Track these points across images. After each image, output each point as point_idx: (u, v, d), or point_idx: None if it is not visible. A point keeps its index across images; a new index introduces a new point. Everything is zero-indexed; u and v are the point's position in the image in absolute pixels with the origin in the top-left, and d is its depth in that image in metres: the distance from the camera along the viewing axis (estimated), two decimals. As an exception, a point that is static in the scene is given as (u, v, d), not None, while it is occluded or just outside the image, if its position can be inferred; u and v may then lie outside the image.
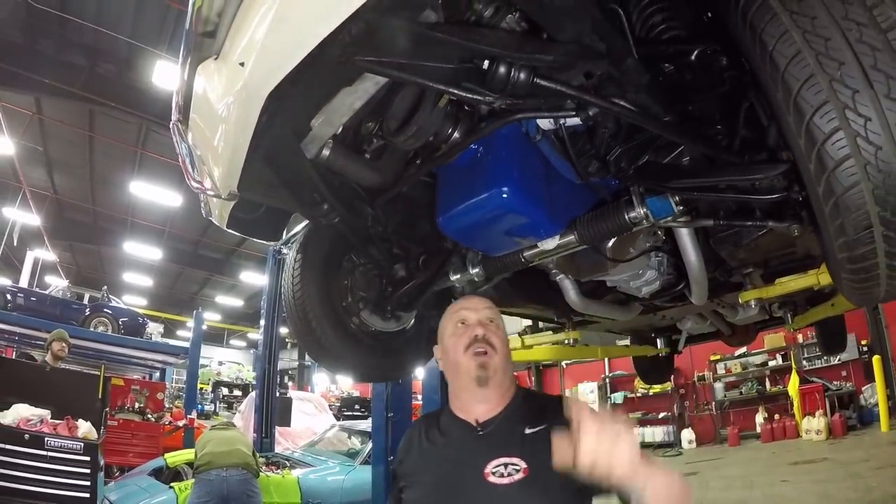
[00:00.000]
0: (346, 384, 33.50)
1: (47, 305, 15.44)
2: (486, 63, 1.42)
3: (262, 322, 10.57)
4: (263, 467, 6.91)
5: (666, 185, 1.85)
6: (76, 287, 18.27)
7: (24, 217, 17.90)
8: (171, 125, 1.96)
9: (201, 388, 22.48)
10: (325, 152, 1.83)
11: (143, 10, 10.98)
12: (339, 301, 2.59)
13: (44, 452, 5.21)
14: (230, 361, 33.89)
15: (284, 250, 10.50)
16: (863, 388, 12.85)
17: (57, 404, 5.70)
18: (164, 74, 11.11)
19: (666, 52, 1.82)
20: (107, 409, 6.49)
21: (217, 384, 30.40)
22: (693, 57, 1.78)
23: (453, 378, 1.76)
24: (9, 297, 14.86)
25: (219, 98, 1.54)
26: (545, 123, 1.93)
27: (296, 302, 2.49)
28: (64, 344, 7.12)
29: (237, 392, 30.59)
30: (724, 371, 16.26)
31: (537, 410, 1.67)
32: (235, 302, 31.92)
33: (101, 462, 5.81)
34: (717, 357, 16.10)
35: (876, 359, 11.91)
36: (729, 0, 1.40)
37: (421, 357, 2.99)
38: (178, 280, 29.04)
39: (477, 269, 2.38)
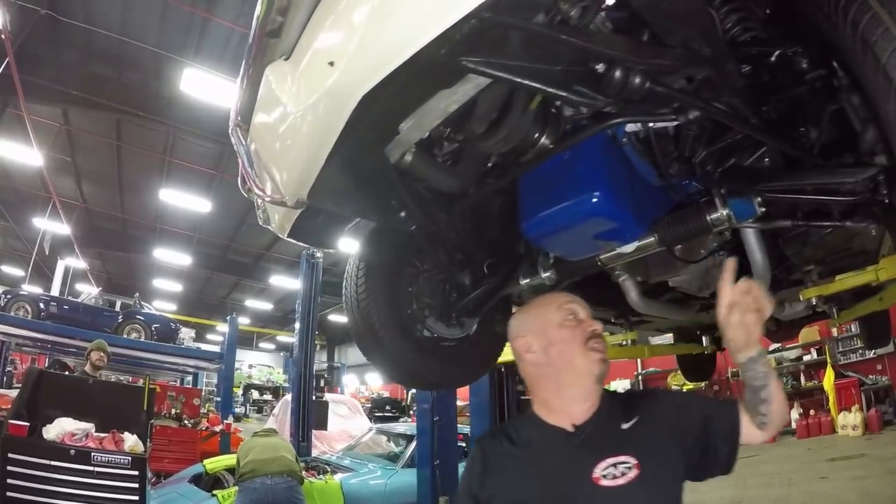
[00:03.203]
0: (376, 385, 33.63)
1: (80, 313, 15.57)
2: (602, 66, 1.39)
3: (297, 326, 10.54)
4: (304, 472, 6.89)
5: (754, 187, 1.81)
6: (108, 294, 18.37)
7: (55, 226, 18.14)
8: (230, 129, 1.91)
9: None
10: (408, 158, 1.78)
11: (168, 19, 11.02)
12: (405, 308, 2.53)
13: (90, 468, 5.11)
14: (261, 364, 34.15)
15: (318, 254, 10.49)
16: (899, 383, 12.67)
17: (101, 417, 5.61)
18: (192, 82, 11.09)
19: (749, 53, 1.76)
20: (152, 421, 6.44)
21: (248, 387, 30.62)
22: (773, 58, 1.73)
23: (558, 373, 1.65)
24: (42, 305, 14.97)
25: (294, 101, 1.47)
26: (630, 126, 1.91)
27: (360, 310, 2.43)
28: (102, 353, 7.17)
29: (267, 396, 30.81)
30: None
31: (624, 406, 1.65)
32: (265, 305, 32.11)
33: (149, 475, 5.76)
34: (751, 352, 15.87)
35: (911, 353, 11.71)
36: (834, 10, 1.36)
37: (485, 363, 2.95)
38: (208, 285, 29.38)
39: (548, 273, 2.31)
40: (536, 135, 1.76)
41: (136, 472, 5.32)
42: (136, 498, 5.25)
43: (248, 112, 1.81)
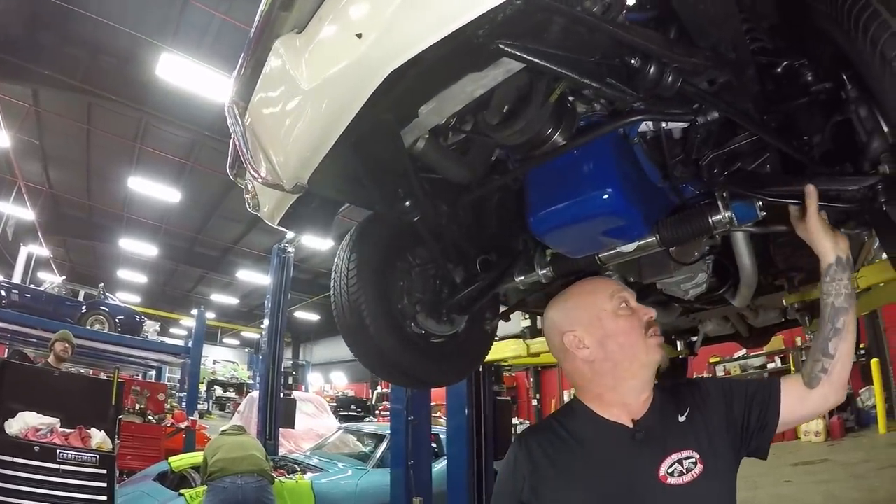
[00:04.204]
0: (341, 384, 33.46)
1: (42, 302, 15.11)
2: (637, 61, 1.38)
3: (266, 322, 10.39)
4: (273, 472, 6.78)
5: (759, 191, 1.80)
6: (71, 283, 17.91)
7: (19, 212, 17.70)
8: (226, 107, 1.85)
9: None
10: (420, 144, 1.73)
11: (147, 1, 10.78)
12: (396, 303, 2.49)
13: (56, 466, 4.88)
14: (225, 360, 33.75)
15: (289, 249, 10.36)
16: (860, 391, 12.95)
17: (66, 412, 5.37)
18: (168, 67, 10.78)
19: (760, 62, 1.77)
20: (121, 416, 6.23)
21: (212, 383, 30.26)
22: (780, 69, 1.78)
23: (616, 368, 1.55)
24: (3, 293, 14.53)
25: (308, 75, 1.41)
26: (642, 126, 1.93)
27: (351, 304, 2.36)
28: (67, 345, 6.96)
29: (231, 392, 30.48)
30: (723, 373, 16.18)
31: (673, 397, 1.59)
32: (230, 300, 31.85)
33: (117, 474, 5.56)
34: (717, 359, 16.20)
35: (874, 362, 12.05)
36: (854, 27, 1.37)
37: (473, 362, 2.95)
38: (173, 277, 29.05)
39: (545, 271, 2.28)
40: (550, 130, 1.72)
41: (105, 471, 5.11)
42: (104, 498, 5.05)
43: (248, 89, 1.75)
